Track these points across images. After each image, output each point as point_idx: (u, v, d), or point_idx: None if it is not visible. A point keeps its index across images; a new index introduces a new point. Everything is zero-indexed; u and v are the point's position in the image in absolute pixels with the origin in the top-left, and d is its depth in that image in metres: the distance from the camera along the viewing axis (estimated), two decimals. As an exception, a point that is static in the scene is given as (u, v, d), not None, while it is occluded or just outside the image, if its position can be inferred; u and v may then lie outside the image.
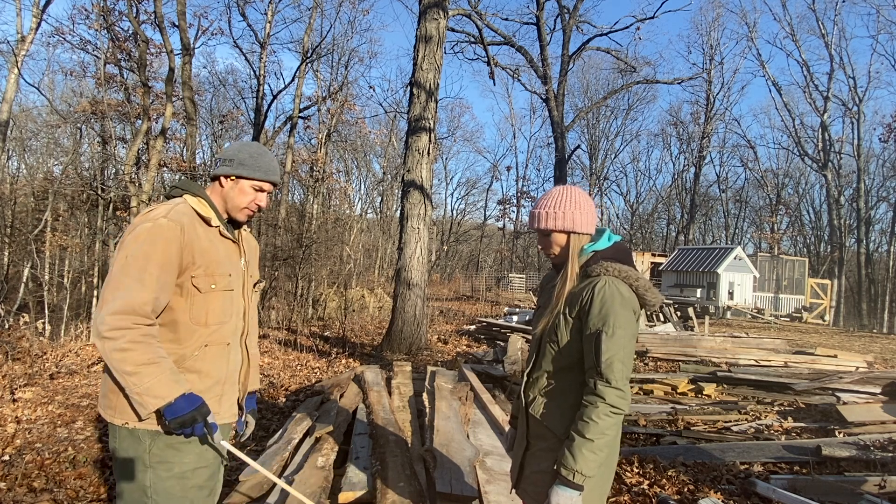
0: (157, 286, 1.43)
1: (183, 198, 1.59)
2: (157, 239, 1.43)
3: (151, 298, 1.42)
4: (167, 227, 1.45)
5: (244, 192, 1.64)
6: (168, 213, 1.48)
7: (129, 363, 1.37)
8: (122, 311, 1.37)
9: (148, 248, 1.42)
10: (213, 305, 1.55)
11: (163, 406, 1.39)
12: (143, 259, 1.42)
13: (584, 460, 1.34)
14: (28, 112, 17.49)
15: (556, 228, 1.52)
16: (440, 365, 6.70)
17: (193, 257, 1.50)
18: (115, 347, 1.36)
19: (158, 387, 1.38)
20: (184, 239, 1.48)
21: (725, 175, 38.46)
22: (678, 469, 3.59)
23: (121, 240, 1.48)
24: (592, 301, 1.41)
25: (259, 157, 1.64)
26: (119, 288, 1.39)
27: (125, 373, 1.37)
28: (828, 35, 28.78)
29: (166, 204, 1.55)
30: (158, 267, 1.43)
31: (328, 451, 3.17)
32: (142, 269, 1.41)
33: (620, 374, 1.36)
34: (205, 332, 1.54)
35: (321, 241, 15.33)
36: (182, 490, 1.49)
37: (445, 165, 41.89)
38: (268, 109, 17.35)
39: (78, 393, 5.07)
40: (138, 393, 1.38)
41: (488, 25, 16.94)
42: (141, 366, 1.37)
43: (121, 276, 1.41)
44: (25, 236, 11.95)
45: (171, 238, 1.45)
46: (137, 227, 1.46)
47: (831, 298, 24.44)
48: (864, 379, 5.78)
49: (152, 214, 1.48)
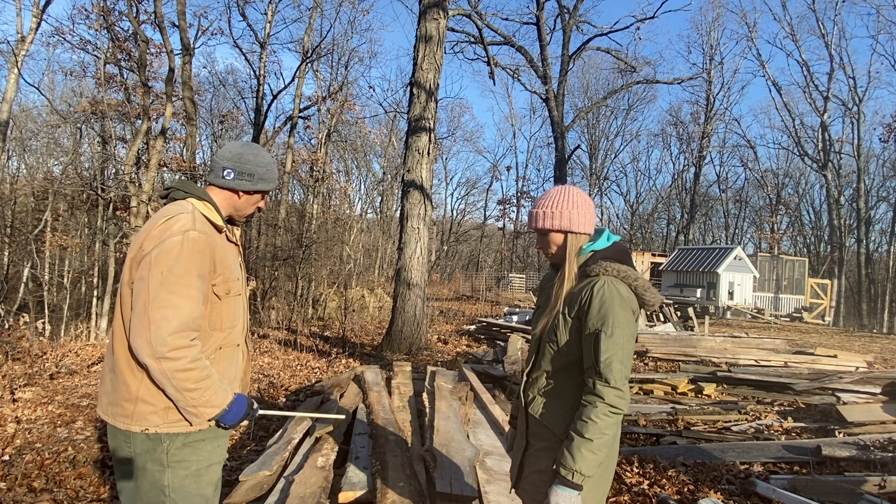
0: (201, 299, 1.47)
1: (189, 202, 1.56)
2: (194, 252, 1.45)
3: (200, 312, 1.47)
4: (200, 239, 1.48)
5: (256, 203, 1.70)
6: (195, 225, 1.49)
7: (191, 381, 1.43)
8: (180, 329, 1.41)
9: (186, 262, 1.44)
10: (227, 310, 1.60)
11: (219, 413, 1.50)
12: (184, 274, 1.43)
13: (583, 460, 1.34)
14: (28, 112, 17.48)
15: (553, 228, 1.53)
16: (440, 365, 6.70)
17: (215, 266, 1.53)
18: (177, 368, 1.40)
19: (215, 398, 1.48)
20: (211, 250, 1.52)
21: (725, 175, 38.51)
22: (678, 469, 3.59)
23: (144, 254, 1.44)
24: (591, 301, 1.41)
25: (271, 168, 1.68)
26: (167, 306, 1.40)
27: (186, 390, 1.42)
28: (828, 35, 28.80)
29: (184, 214, 1.51)
30: (199, 279, 1.47)
31: (328, 450, 3.17)
32: (186, 285, 1.43)
33: (619, 373, 1.37)
34: (220, 335, 1.58)
35: (321, 241, 15.33)
36: (197, 487, 1.53)
37: (445, 165, 41.96)
38: (268, 109, 17.35)
39: (78, 393, 5.07)
40: (195, 406, 1.45)
41: (488, 25, 16.94)
42: (200, 381, 1.44)
43: (165, 293, 1.40)
44: (25, 236, 11.95)
45: (204, 250, 1.48)
46: (165, 240, 1.43)
47: (831, 298, 24.44)
48: (864, 379, 5.78)
49: (178, 226, 1.46)
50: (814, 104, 29.62)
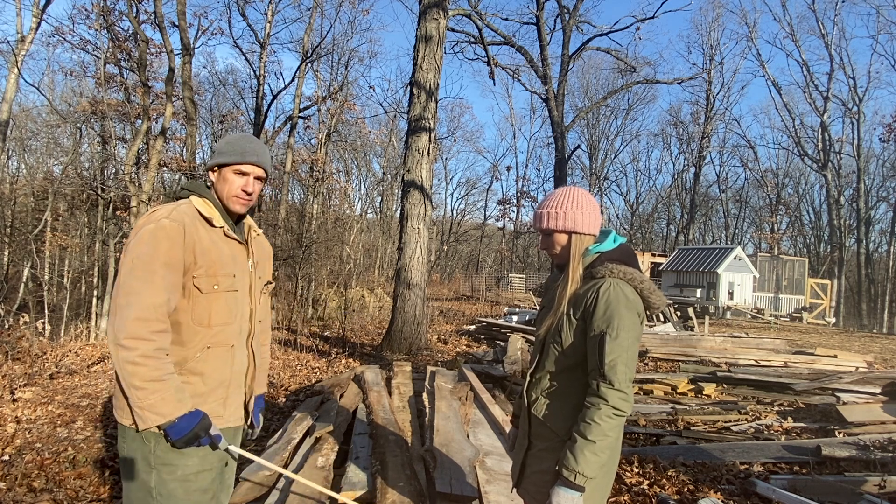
0: (166, 286, 1.44)
1: (189, 199, 1.59)
2: (162, 239, 1.44)
3: (164, 300, 1.43)
4: (170, 227, 1.46)
5: (227, 180, 1.61)
6: (170, 214, 1.49)
7: (138, 378, 1.38)
8: (139, 316, 1.38)
9: (152, 249, 1.43)
10: (216, 306, 1.55)
11: (164, 423, 1.40)
12: (150, 260, 1.42)
13: (585, 462, 1.34)
14: (28, 112, 17.47)
15: (558, 228, 1.53)
16: (440, 365, 6.70)
17: (195, 257, 1.50)
18: (127, 359, 1.37)
19: (161, 405, 1.39)
20: (186, 239, 1.48)
21: (725, 175, 38.53)
22: (678, 469, 3.59)
23: (126, 243, 1.49)
24: (597, 303, 1.41)
25: (235, 142, 1.62)
26: (131, 293, 1.40)
27: (132, 386, 1.38)
28: (828, 35, 28.82)
29: (168, 205, 1.55)
30: (165, 267, 1.44)
31: (328, 450, 3.17)
32: (150, 271, 1.42)
33: (623, 376, 1.36)
34: (207, 333, 1.53)
35: (321, 241, 15.32)
36: (185, 493, 1.49)
37: (445, 165, 41.96)
38: (268, 109, 17.34)
39: (78, 393, 5.07)
40: (140, 407, 1.39)
41: (488, 25, 16.94)
42: (148, 382, 1.38)
43: (130, 279, 1.41)
44: (25, 236, 11.95)
45: (174, 238, 1.46)
46: (141, 229, 1.46)
47: (831, 298, 24.44)
48: (863, 379, 5.78)
49: (155, 216, 1.49)
50: (814, 104, 29.64)
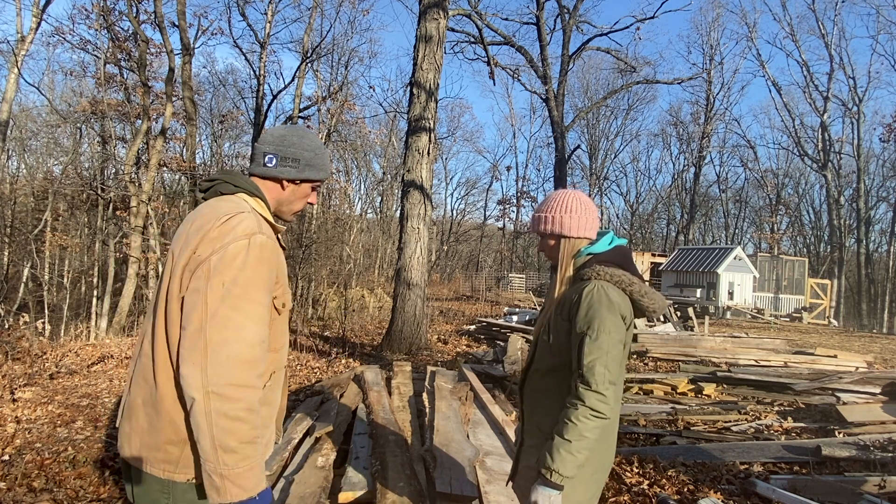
0: (269, 319, 1.22)
1: (240, 197, 1.31)
2: (262, 261, 1.20)
3: (267, 335, 1.21)
4: (268, 245, 1.22)
5: (305, 195, 1.43)
6: (261, 227, 1.24)
7: (235, 438, 1.10)
8: (245, 358, 1.13)
9: (253, 272, 1.17)
10: (281, 328, 1.36)
11: (244, 500, 1.12)
12: (250, 286, 1.17)
13: (561, 460, 1.36)
14: (28, 112, 17.48)
15: (547, 232, 1.58)
16: (440, 365, 6.70)
17: (278, 276, 1.28)
18: (227, 413, 1.10)
19: (248, 476, 1.13)
20: (277, 258, 1.27)
21: (725, 175, 38.52)
22: (678, 469, 3.59)
23: (201, 260, 1.17)
24: (580, 304, 1.43)
25: (322, 153, 1.42)
26: (229, 326, 1.13)
27: (224, 447, 1.09)
28: (828, 35, 28.82)
29: (244, 213, 1.25)
30: (266, 293, 1.21)
31: (328, 450, 3.17)
32: (253, 300, 1.17)
33: (602, 377, 1.36)
34: (275, 358, 1.34)
35: (321, 241, 15.33)
36: None
37: (445, 165, 41.96)
38: (268, 109, 17.35)
39: (78, 393, 5.07)
40: (223, 476, 1.10)
41: (488, 25, 16.94)
42: (244, 443, 1.12)
43: (227, 310, 1.13)
44: (25, 236, 11.96)
45: (272, 259, 1.23)
46: (228, 245, 1.17)
47: (831, 299, 24.44)
48: (863, 379, 5.77)
49: (242, 229, 1.20)
50: (814, 104, 29.64)
